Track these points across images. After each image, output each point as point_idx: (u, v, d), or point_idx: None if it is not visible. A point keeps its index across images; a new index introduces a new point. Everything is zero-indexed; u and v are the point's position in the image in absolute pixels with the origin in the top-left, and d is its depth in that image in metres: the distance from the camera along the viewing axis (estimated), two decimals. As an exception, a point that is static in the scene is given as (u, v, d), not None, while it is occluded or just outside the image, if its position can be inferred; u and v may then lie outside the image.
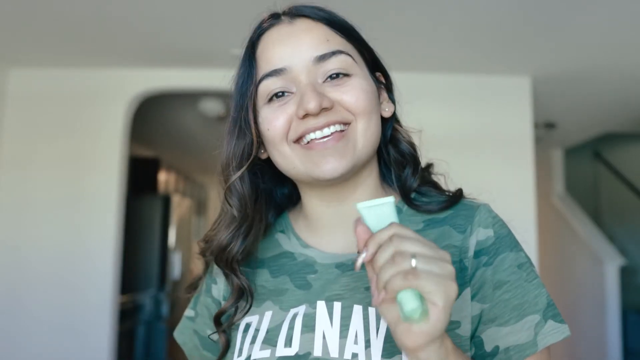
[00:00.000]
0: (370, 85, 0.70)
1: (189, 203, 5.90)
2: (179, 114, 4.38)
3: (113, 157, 3.23)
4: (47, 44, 2.92)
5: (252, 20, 0.74)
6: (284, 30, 0.69)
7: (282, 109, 0.67)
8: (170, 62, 3.17)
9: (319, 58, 0.66)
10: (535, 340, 0.63)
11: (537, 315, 0.64)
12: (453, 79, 3.30)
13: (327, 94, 0.66)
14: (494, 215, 0.70)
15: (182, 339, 0.84)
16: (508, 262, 0.66)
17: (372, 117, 0.68)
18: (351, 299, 0.67)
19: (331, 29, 0.69)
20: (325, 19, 0.69)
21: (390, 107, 0.75)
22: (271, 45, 0.69)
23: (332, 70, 0.67)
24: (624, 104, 3.88)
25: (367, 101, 0.67)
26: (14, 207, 3.18)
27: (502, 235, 0.68)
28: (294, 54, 0.66)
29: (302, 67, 0.66)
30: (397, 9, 2.45)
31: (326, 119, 0.66)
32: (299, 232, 0.77)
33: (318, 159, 0.66)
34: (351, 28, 0.71)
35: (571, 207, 5.08)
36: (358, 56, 0.70)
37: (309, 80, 0.66)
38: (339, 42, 0.69)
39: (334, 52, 0.67)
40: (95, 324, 3.09)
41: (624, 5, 2.39)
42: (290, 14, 0.70)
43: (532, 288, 0.65)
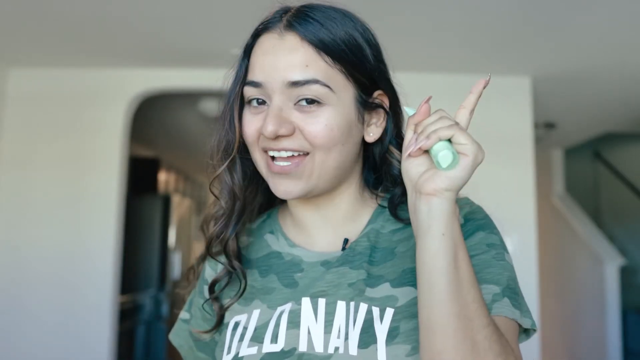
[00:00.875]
0: (343, 116, 0.68)
1: (189, 203, 5.90)
2: (179, 114, 4.38)
3: (113, 157, 3.23)
4: (47, 44, 2.92)
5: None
6: (271, 43, 0.68)
7: (255, 119, 0.69)
8: (170, 62, 3.17)
9: (292, 83, 0.66)
10: (491, 305, 0.62)
11: (497, 287, 0.64)
12: (453, 79, 3.30)
13: (292, 118, 0.67)
14: (469, 204, 0.72)
15: (178, 341, 0.86)
16: (477, 239, 0.68)
17: (333, 150, 0.67)
18: (335, 295, 0.68)
19: (317, 51, 0.66)
20: (316, 38, 0.66)
21: (377, 132, 0.73)
22: (258, 54, 0.69)
23: (304, 96, 0.66)
24: (624, 104, 3.88)
25: (327, 137, 0.66)
26: (13, 207, 3.18)
27: (475, 219, 0.70)
28: (272, 72, 0.67)
29: (275, 87, 0.67)
30: (397, 8, 2.45)
31: (283, 145, 0.67)
32: (287, 232, 0.79)
33: (275, 179, 0.69)
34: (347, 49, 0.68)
35: (571, 207, 5.08)
36: (344, 83, 0.68)
37: (277, 103, 0.67)
38: (320, 69, 0.66)
39: (308, 80, 0.65)
40: (95, 324, 3.09)
41: (624, 5, 2.39)
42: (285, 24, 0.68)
43: (497, 265, 0.66)
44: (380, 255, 0.71)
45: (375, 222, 0.74)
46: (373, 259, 0.71)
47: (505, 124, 3.34)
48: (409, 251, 0.70)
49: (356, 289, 0.68)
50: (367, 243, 0.72)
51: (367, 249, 0.71)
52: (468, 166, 0.57)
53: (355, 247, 0.72)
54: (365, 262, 0.70)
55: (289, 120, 0.66)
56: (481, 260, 0.66)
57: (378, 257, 0.71)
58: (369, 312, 0.66)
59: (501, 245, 0.69)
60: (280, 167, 0.68)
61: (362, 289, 0.68)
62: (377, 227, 0.74)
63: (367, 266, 0.70)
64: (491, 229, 0.70)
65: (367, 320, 0.65)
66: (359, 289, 0.68)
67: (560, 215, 5.07)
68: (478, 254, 0.66)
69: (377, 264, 0.70)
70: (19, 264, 3.12)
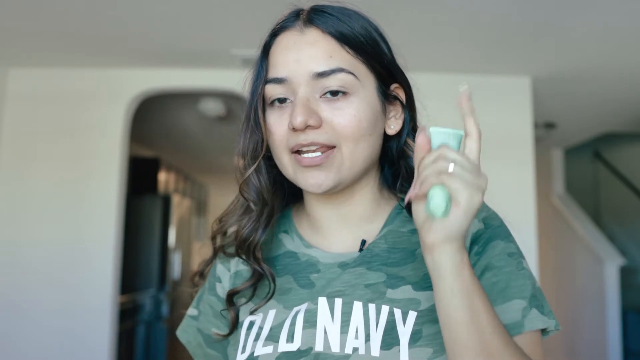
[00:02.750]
0: (370, 106, 0.69)
1: (189, 203, 5.90)
2: (179, 114, 4.38)
3: (113, 157, 3.23)
4: (47, 44, 2.92)
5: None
6: (292, 39, 0.69)
7: (280, 119, 0.69)
8: (170, 62, 3.17)
9: (318, 74, 0.66)
10: (523, 321, 0.64)
11: (524, 300, 0.65)
12: (453, 79, 3.30)
13: (319, 111, 0.67)
14: (486, 209, 0.72)
15: (186, 337, 0.85)
16: (499, 249, 0.68)
17: (361, 141, 0.68)
18: (352, 295, 0.68)
19: (339, 43, 0.68)
20: (337, 31, 0.68)
21: (397, 125, 0.74)
22: (279, 51, 0.69)
23: (330, 87, 0.66)
24: (624, 104, 3.88)
25: (356, 127, 0.67)
26: (13, 207, 3.18)
27: (493, 226, 0.70)
28: (296, 66, 0.67)
29: (301, 80, 0.67)
30: (397, 8, 2.45)
31: (312, 138, 0.66)
32: (302, 233, 0.78)
33: (304, 173, 0.69)
34: (365, 42, 0.69)
35: (571, 207, 5.08)
36: (366, 72, 0.69)
37: (304, 94, 0.67)
38: (344, 59, 0.67)
39: (333, 70, 0.66)
40: (95, 324, 3.09)
41: (624, 5, 2.39)
42: (304, 20, 0.69)
43: (519, 277, 0.67)
44: (399, 255, 0.71)
45: (392, 223, 0.74)
46: (392, 260, 0.70)
47: (505, 124, 3.34)
48: None
49: (375, 291, 0.68)
50: (385, 245, 0.72)
51: (384, 251, 0.71)
52: (459, 216, 0.54)
53: (372, 248, 0.72)
54: (383, 264, 0.70)
55: (316, 111, 0.67)
56: (505, 274, 0.66)
57: (397, 257, 0.71)
58: (390, 313, 0.66)
59: (519, 252, 0.69)
60: (310, 159, 0.67)
61: (382, 291, 0.68)
62: (395, 228, 0.73)
63: (385, 268, 0.70)
64: (508, 236, 0.70)
65: (390, 322, 0.65)
66: (379, 292, 0.68)
67: (560, 215, 5.07)
68: (501, 266, 0.67)
69: (397, 265, 0.70)
70: (19, 264, 3.12)
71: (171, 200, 4.91)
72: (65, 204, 3.18)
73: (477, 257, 0.68)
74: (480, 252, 0.68)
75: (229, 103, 3.94)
